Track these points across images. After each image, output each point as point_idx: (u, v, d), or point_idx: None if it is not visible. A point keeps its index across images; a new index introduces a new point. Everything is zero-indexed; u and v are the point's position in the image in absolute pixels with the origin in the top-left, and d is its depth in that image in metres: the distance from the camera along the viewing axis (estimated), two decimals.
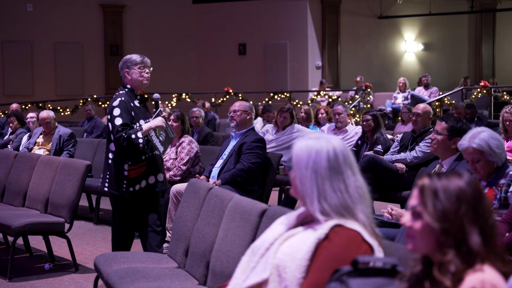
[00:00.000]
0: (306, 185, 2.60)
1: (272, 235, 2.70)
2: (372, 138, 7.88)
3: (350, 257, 2.42)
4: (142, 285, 3.90)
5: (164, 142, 5.49)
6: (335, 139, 2.65)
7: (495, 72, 22.97)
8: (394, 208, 4.58)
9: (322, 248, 2.51)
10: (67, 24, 19.89)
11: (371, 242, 2.53)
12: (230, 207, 3.92)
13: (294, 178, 2.65)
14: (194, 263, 4.18)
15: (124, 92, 5.40)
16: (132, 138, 5.11)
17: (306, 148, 2.62)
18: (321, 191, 2.58)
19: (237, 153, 6.52)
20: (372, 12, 21.51)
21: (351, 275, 2.26)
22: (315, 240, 2.52)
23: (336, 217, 2.56)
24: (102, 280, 4.38)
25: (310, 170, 2.59)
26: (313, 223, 2.63)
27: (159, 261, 4.54)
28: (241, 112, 6.64)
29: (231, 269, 3.59)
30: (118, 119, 5.19)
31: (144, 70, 5.40)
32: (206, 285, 3.98)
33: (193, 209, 4.48)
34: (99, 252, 6.69)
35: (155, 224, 5.46)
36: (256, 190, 6.54)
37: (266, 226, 3.46)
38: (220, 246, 3.84)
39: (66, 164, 6.46)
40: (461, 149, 4.19)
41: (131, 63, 5.39)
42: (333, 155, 2.59)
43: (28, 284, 5.77)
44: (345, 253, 2.47)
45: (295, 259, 2.53)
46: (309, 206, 2.61)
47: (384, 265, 2.27)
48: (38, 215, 6.32)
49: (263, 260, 2.63)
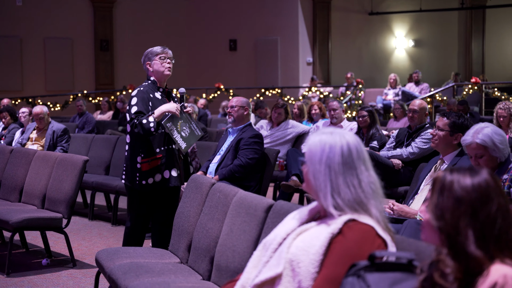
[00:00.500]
0: (320, 180, 2.60)
1: (285, 230, 2.70)
2: (368, 134, 7.91)
3: (364, 252, 2.43)
4: (147, 280, 3.89)
5: (188, 138, 5.36)
6: (348, 134, 2.65)
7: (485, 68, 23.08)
8: (395, 203, 4.60)
9: (336, 243, 2.51)
10: (57, 19, 19.78)
11: (384, 237, 2.54)
12: (235, 202, 3.92)
13: (307, 173, 2.65)
14: (198, 258, 4.17)
15: (146, 83, 5.38)
16: (143, 123, 5.08)
17: (320, 143, 2.62)
18: (334, 186, 2.58)
19: (235, 148, 6.51)
20: (363, 8, 21.56)
21: (368, 270, 2.27)
22: (329, 235, 2.53)
23: (350, 212, 2.57)
24: (104, 275, 4.37)
25: (324, 165, 2.59)
26: (326, 218, 2.64)
27: (162, 256, 4.54)
28: (238, 108, 6.63)
29: (237, 264, 3.61)
30: (134, 108, 5.18)
31: (166, 60, 5.36)
32: (210, 280, 3.98)
33: (195, 204, 4.47)
34: (95, 248, 6.69)
35: (166, 223, 5.35)
36: (254, 186, 6.53)
37: (272, 221, 3.47)
38: (225, 241, 3.84)
39: (63, 159, 6.44)
40: (464, 144, 4.20)
41: (152, 54, 5.36)
42: (347, 150, 2.60)
43: (26, 280, 5.74)
44: (359, 248, 2.48)
45: (309, 254, 2.53)
46: (323, 201, 2.61)
47: (401, 260, 2.28)
48: (36, 210, 6.30)
49: (276, 255, 2.63)
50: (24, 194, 6.72)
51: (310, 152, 2.64)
